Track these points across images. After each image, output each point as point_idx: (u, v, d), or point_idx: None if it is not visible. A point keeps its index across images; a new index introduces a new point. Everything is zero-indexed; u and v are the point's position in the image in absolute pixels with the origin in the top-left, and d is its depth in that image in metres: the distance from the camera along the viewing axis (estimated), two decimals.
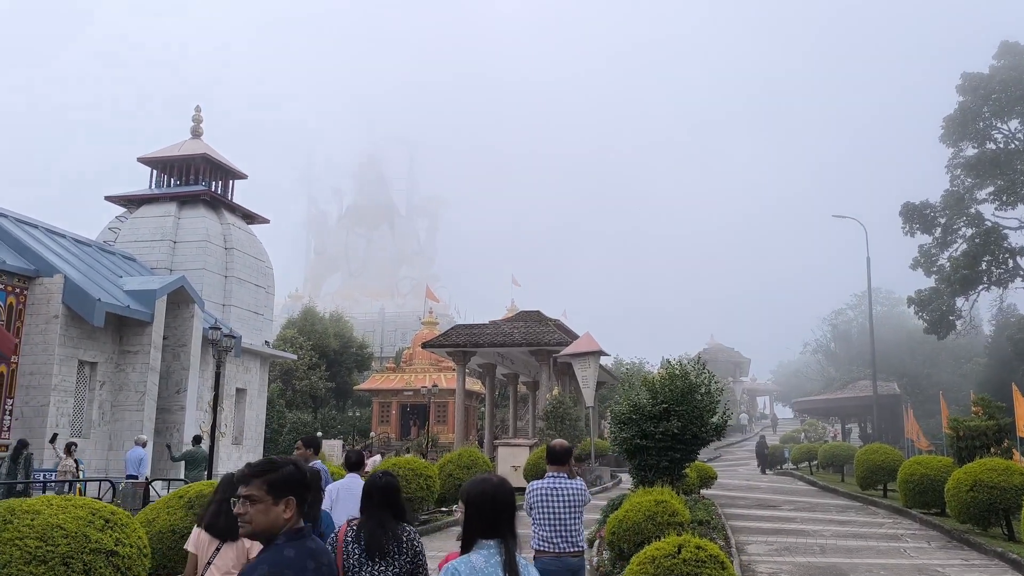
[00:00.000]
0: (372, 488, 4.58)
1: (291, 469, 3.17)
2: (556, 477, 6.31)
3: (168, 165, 32.31)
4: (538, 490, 6.27)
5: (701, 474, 20.86)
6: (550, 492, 6.22)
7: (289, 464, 3.21)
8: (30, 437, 20.61)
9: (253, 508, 3.05)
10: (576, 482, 6.36)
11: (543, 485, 6.28)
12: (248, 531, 3.06)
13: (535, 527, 6.24)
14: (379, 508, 4.48)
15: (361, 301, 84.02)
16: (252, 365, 30.86)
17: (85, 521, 6.57)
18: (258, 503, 3.04)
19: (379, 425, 54.07)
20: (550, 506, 6.18)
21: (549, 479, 6.31)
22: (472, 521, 3.32)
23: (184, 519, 10.58)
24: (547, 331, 34.49)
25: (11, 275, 21.03)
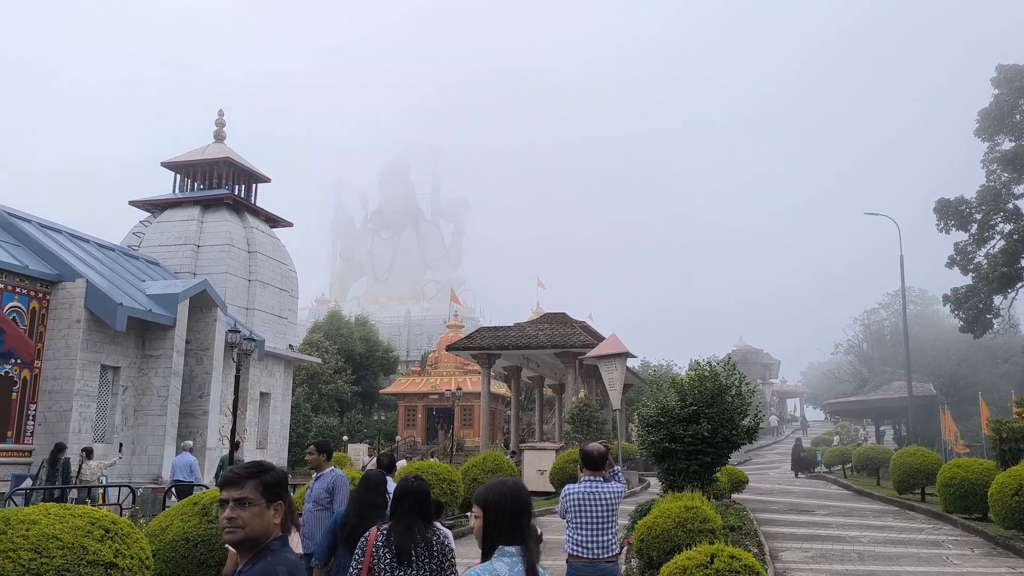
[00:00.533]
0: (404, 492, 4.56)
1: (281, 472, 2.96)
2: (592, 481, 6.16)
3: (191, 169, 32.34)
4: (574, 494, 6.14)
5: (732, 478, 20.32)
6: (586, 496, 6.08)
7: (277, 467, 2.99)
8: (53, 442, 20.54)
9: (247, 512, 2.78)
10: (612, 485, 6.23)
11: (579, 489, 6.14)
12: (239, 537, 2.78)
13: (569, 531, 6.13)
14: (409, 512, 4.47)
15: (387, 305, 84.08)
16: (276, 369, 30.73)
17: (84, 531, 6.26)
18: (252, 506, 2.79)
19: (405, 429, 53.91)
20: (586, 510, 6.05)
21: (585, 483, 6.16)
22: (492, 527, 3.10)
23: (198, 527, 10.27)
24: (572, 333, 34.04)
25: (33, 280, 21.02)
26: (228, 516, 2.79)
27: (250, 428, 28.05)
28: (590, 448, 6.38)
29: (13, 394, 20.44)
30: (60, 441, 18.97)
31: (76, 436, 20.61)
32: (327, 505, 7.08)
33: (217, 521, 10.49)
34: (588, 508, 6.06)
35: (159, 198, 31.75)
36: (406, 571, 4.32)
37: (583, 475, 6.32)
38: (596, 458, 6.27)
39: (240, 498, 2.79)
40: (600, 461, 6.27)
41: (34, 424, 20.80)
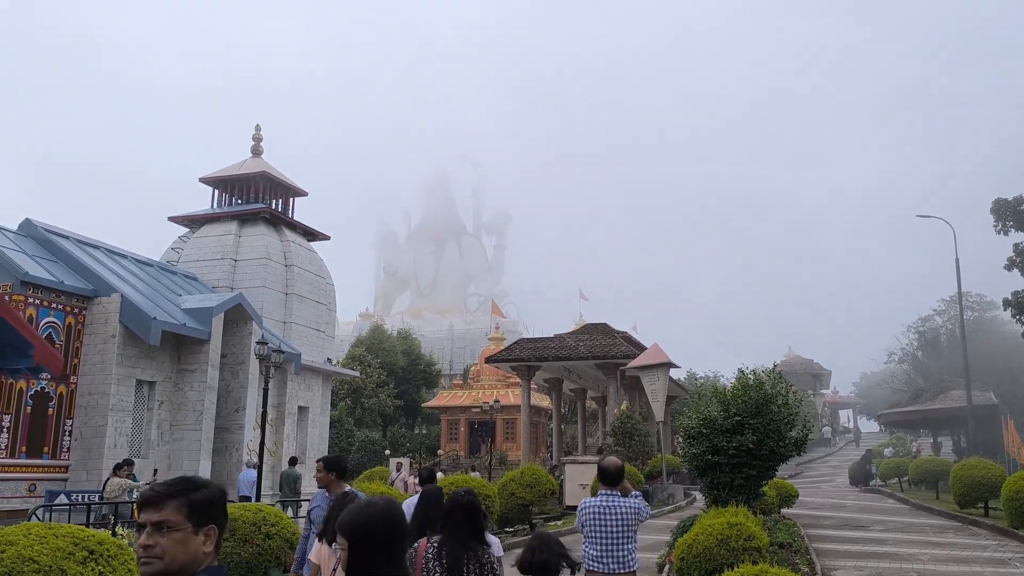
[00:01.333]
0: (455, 506, 4.55)
1: (215, 490, 2.42)
2: (609, 495, 6.15)
3: (229, 184, 32.46)
4: (590, 508, 6.13)
5: (781, 492, 19.41)
6: (603, 510, 6.07)
7: (210, 485, 2.42)
8: (88, 458, 20.57)
9: (167, 538, 2.25)
10: (630, 500, 6.19)
11: (595, 503, 6.14)
12: (156, 569, 2.24)
13: (586, 545, 6.12)
14: (461, 527, 4.47)
15: (430, 319, 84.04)
16: (314, 383, 30.53)
17: (64, 553, 5.84)
18: (174, 531, 2.26)
19: (448, 443, 53.51)
20: (602, 525, 6.04)
21: (602, 496, 6.17)
22: (365, 557, 2.57)
23: None
24: (614, 343, 33.31)
25: (69, 295, 21.07)
26: (143, 544, 2.26)
27: (287, 443, 27.83)
28: (606, 463, 6.32)
29: (49, 409, 20.46)
30: (128, 458, 19.03)
31: (111, 451, 20.52)
32: None
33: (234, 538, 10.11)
34: (604, 523, 6.03)
35: (197, 213, 31.91)
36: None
37: (601, 489, 6.31)
38: (612, 473, 6.23)
39: (159, 522, 2.26)
40: (616, 476, 6.22)
41: (70, 439, 20.79)
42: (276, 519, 10.30)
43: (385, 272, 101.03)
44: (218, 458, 23.51)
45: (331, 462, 6.67)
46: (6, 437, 19.28)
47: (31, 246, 21.83)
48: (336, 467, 6.61)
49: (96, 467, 20.14)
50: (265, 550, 9.85)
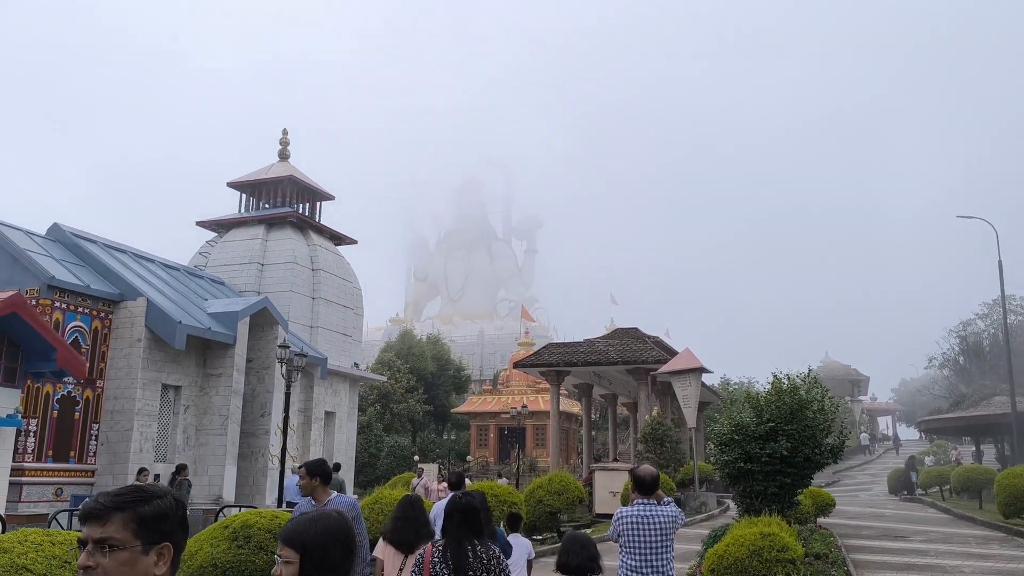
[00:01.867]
0: (452, 509, 4.73)
1: (170, 502, 2.06)
2: (646, 504, 6.08)
3: (256, 188, 32.52)
4: (627, 518, 6.05)
5: (817, 501, 18.79)
6: (639, 520, 5.98)
7: (165, 495, 2.06)
8: (115, 462, 20.53)
9: (111, 559, 1.92)
10: (666, 508, 6.10)
11: (632, 512, 6.05)
12: None
13: (623, 555, 6.05)
14: (458, 528, 4.62)
15: (460, 324, 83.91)
16: (341, 388, 30.38)
17: (60, 561, 5.57)
18: (119, 550, 1.93)
19: (477, 449, 53.19)
20: (640, 535, 5.96)
21: (638, 506, 6.08)
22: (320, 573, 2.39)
23: (227, 552, 9.60)
24: (644, 348, 32.74)
25: (96, 299, 21.09)
26: (83, 565, 1.93)
27: (314, 448, 27.67)
28: (641, 471, 6.25)
29: (76, 414, 20.46)
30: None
31: (137, 456, 20.48)
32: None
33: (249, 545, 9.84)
34: (641, 532, 5.94)
35: (224, 218, 31.98)
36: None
37: (635, 498, 6.18)
38: (648, 482, 6.14)
39: (101, 539, 1.93)
40: (652, 485, 6.13)
41: (97, 444, 20.78)
42: None
43: (415, 277, 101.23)
44: (244, 463, 23.40)
45: (315, 467, 6.09)
46: (33, 441, 19.30)
47: (59, 250, 21.92)
48: (320, 472, 6.04)
49: (122, 472, 20.08)
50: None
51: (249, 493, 22.98)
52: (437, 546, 4.70)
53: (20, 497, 18.61)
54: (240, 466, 23.16)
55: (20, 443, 18.84)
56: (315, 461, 6.13)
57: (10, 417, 14.76)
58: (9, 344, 15.00)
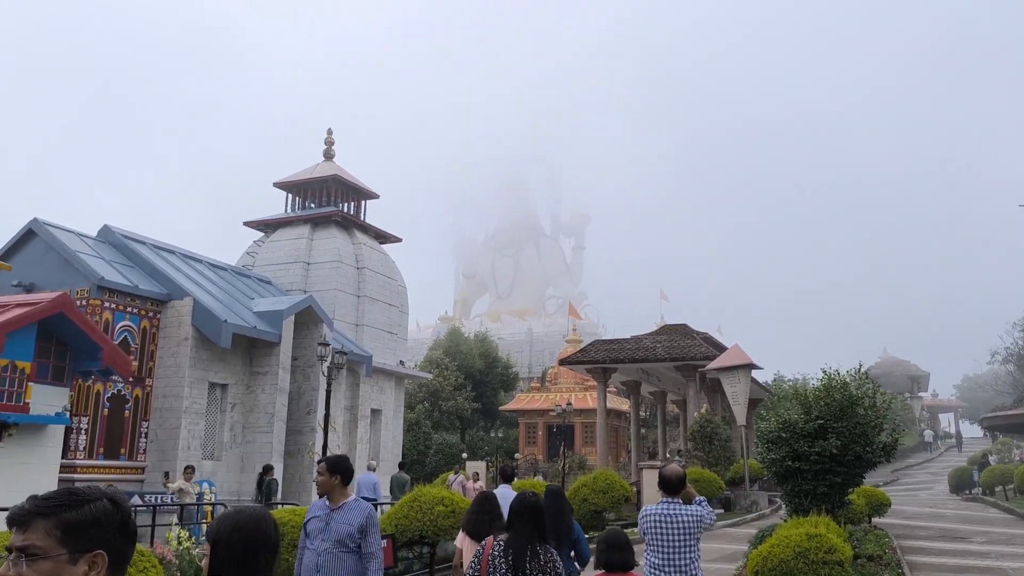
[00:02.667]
0: (521, 507, 4.80)
1: (103, 507, 1.86)
2: (670, 502, 6.07)
3: (302, 188, 32.83)
4: (651, 516, 6.06)
5: (871, 501, 18.18)
6: (663, 518, 5.98)
7: (99, 499, 1.87)
8: (163, 460, 20.84)
9: (30, 569, 1.76)
10: (692, 508, 6.06)
11: (656, 511, 6.05)
12: None
13: (647, 554, 6.07)
14: (527, 526, 4.72)
15: (509, 322, 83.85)
16: (387, 385, 30.48)
17: None
18: (41, 560, 1.76)
19: (526, 446, 53.00)
20: (663, 533, 5.97)
21: (663, 504, 6.09)
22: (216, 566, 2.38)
23: None
24: (693, 344, 32.19)
25: (144, 299, 21.44)
26: (2, 575, 1.76)
27: (361, 445, 27.80)
28: (667, 471, 6.23)
29: (126, 412, 20.84)
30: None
31: (185, 453, 20.76)
32: (355, 548, 5.29)
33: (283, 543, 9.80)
34: (665, 531, 5.95)
35: (271, 218, 32.35)
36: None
37: (662, 497, 6.20)
38: (674, 482, 6.13)
39: (23, 547, 1.76)
40: (677, 485, 6.12)
41: (146, 441, 21.13)
42: None
43: (464, 275, 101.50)
44: (290, 460, 23.59)
45: (335, 464, 5.54)
46: (84, 439, 19.70)
47: (108, 251, 22.34)
48: (341, 470, 5.49)
49: (171, 469, 20.37)
50: None
51: (296, 490, 23.15)
52: (499, 540, 4.81)
53: None
54: (287, 463, 23.35)
55: (72, 441, 19.25)
56: (335, 457, 5.67)
57: (59, 415, 15.02)
58: (57, 343, 15.25)
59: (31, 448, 14.36)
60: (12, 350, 13.83)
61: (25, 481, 14.14)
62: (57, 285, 19.75)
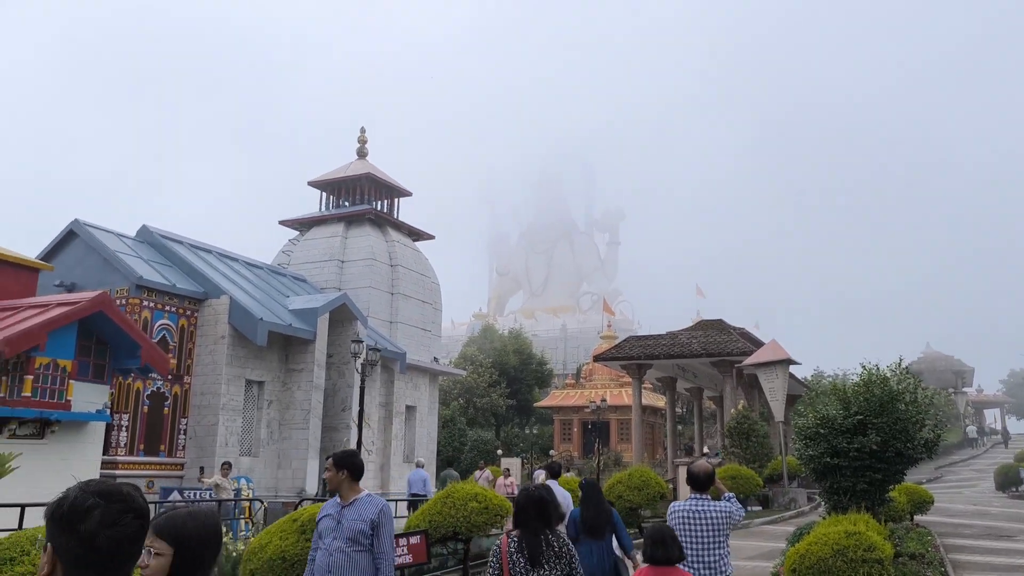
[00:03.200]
0: (527, 502, 5.04)
1: (50, 503, 1.90)
2: (698, 499, 6.05)
3: (335, 187, 33.08)
4: (679, 512, 6.02)
5: (913, 498, 17.81)
6: (691, 514, 5.96)
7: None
8: (201, 456, 21.12)
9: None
10: (721, 504, 6.05)
11: (684, 507, 6.03)
12: None
13: None
14: (535, 520, 4.94)
15: (543, 318, 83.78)
16: (421, 382, 30.59)
17: None
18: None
19: (561, 443, 52.93)
20: (691, 529, 5.95)
21: (691, 500, 6.07)
22: (190, 566, 2.28)
23: (295, 544, 9.66)
24: (729, 340, 31.83)
25: (182, 298, 21.74)
26: None
27: (396, 442, 27.95)
28: (696, 468, 6.20)
29: (165, 409, 21.15)
30: (226, 460, 19.58)
31: (223, 450, 21.03)
32: (367, 546, 5.09)
33: None
34: (693, 527, 5.94)
35: (305, 216, 32.64)
36: (539, 572, 4.81)
37: (690, 494, 6.19)
38: (702, 479, 6.12)
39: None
40: (706, 482, 6.11)
41: (185, 438, 21.43)
42: None
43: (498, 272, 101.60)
44: (326, 457, 23.75)
45: (341, 459, 5.25)
46: (125, 436, 20.04)
47: (147, 251, 22.70)
48: (347, 465, 5.20)
49: (209, 465, 20.64)
50: None
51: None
52: (513, 536, 4.98)
53: None
54: (322, 460, 23.53)
55: (113, 438, 19.59)
56: (342, 452, 5.42)
57: (99, 412, 15.30)
58: (97, 342, 15.53)
59: (73, 444, 14.63)
60: (53, 348, 14.10)
61: (67, 477, 14.42)
62: (97, 285, 20.11)
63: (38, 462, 13.72)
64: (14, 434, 13.84)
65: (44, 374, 14.12)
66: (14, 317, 14.47)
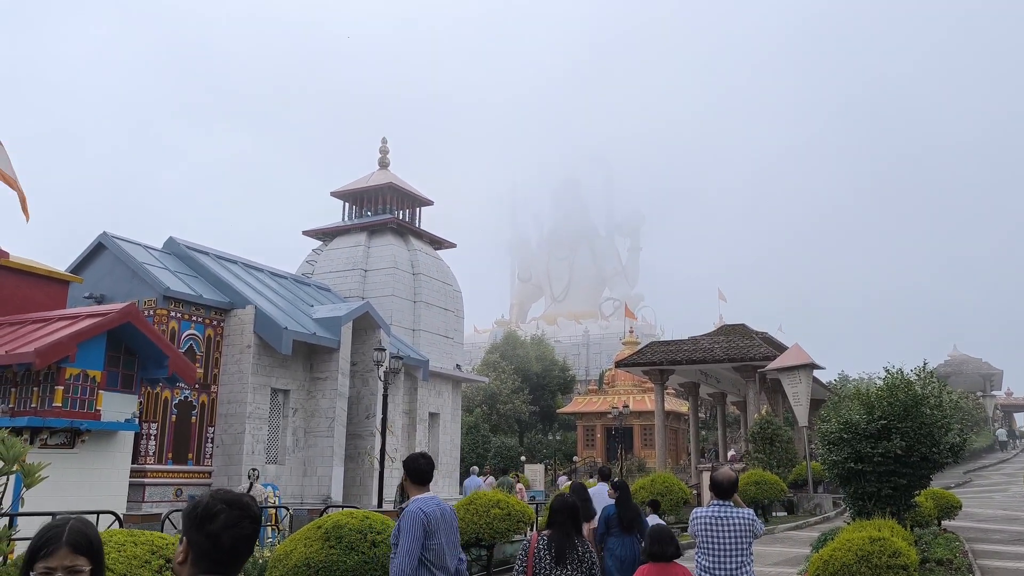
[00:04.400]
0: (562, 507, 5.66)
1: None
2: (722, 505, 6.10)
3: (358, 197, 33.42)
4: (702, 518, 6.09)
5: (940, 503, 17.63)
6: (714, 521, 6.01)
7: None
8: (228, 464, 21.37)
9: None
10: (744, 511, 6.11)
11: (707, 513, 6.09)
12: None
13: (698, 556, 6.11)
14: (566, 523, 5.55)
15: (565, 324, 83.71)
16: (444, 389, 30.75)
17: (140, 561, 5.75)
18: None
19: (584, 449, 52.87)
20: (714, 536, 6.02)
21: (714, 507, 6.13)
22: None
23: (320, 552, 9.78)
24: (752, 345, 31.71)
25: (208, 308, 22.04)
26: None
27: (419, 449, 28.07)
28: (719, 475, 6.26)
29: (192, 418, 21.44)
30: (254, 467, 19.87)
31: (249, 458, 21.26)
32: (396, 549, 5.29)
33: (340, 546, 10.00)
34: (716, 533, 5.99)
35: (329, 227, 32.99)
36: (563, 571, 5.31)
37: (712, 500, 6.25)
38: (725, 486, 6.17)
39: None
40: (729, 489, 6.17)
41: (212, 446, 21.70)
42: (383, 526, 10.09)
43: (519, 279, 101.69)
44: (351, 464, 23.95)
45: (405, 461, 5.44)
46: (154, 444, 20.33)
47: (173, 263, 23.04)
48: (407, 467, 5.36)
49: (236, 473, 20.90)
50: (371, 558, 9.63)
51: (357, 494, 23.50)
52: (543, 535, 5.62)
53: (143, 497, 19.63)
54: (347, 467, 23.73)
55: (143, 446, 19.89)
56: (410, 455, 5.59)
57: (128, 421, 15.55)
58: (126, 353, 15.81)
59: (103, 453, 14.88)
60: (83, 359, 14.37)
61: (98, 485, 14.68)
62: (126, 296, 20.47)
63: (68, 471, 13.98)
64: (45, 443, 14.11)
65: (74, 385, 14.39)
66: (45, 329, 14.78)
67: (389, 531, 10.13)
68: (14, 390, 14.52)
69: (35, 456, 12.35)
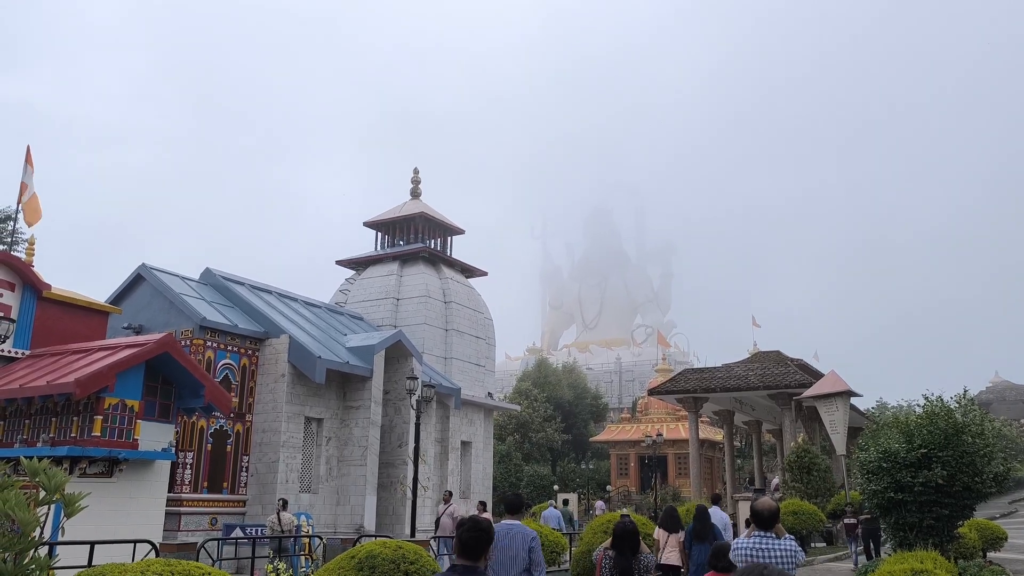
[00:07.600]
0: (623, 532, 7.03)
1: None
2: (763, 536, 5.94)
3: (390, 227, 33.75)
4: (743, 549, 5.96)
5: (985, 534, 17.21)
6: (755, 552, 5.89)
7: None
8: (262, 493, 21.48)
9: None
10: (785, 542, 5.95)
11: (748, 544, 5.95)
12: None
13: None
14: (626, 545, 6.91)
15: (597, 352, 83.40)
16: (476, 417, 30.71)
17: None
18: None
19: (618, 478, 52.38)
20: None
21: (755, 538, 5.98)
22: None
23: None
24: (787, 372, 31.30)
25: (243, 338, 22.31)
26: None
27: (452, 477, 28.03)
28: (760, 505, 6.12)
29: (227, 446, 21.63)
30: (282, 497, 19.94)
31: (283, 487, 21.36)
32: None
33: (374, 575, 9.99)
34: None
35: (361, 256, 33.30)
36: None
37: (753, 531, 6.12)
38: (767, 516, 6.03)
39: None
40: (770, 519, 6.02)
41: (247, 475, 21.84)
42: (415, 556, 10.07)
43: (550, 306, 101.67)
44: (384, 493, 23.96)
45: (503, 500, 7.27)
46: (190, 473, 20.53)
47: (210, 293, 23.40)
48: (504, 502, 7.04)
49: (270, 501, 20.98)
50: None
51: (389, 523, 23.48)
52: (608, 553, 6.97)
53: (179, 526, 19.79)
54: (380, 496, 23.73)
55: (178, 475, 20.08)
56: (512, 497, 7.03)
57: (165, 451, 15.72)
58: (163, 382, 16.01)
59: (140, 482, 15.04)
60: (122, 389, 14.59)
61: (135, 513, 14.83)
62: (163, 326, 20.81)
63: (106, 500, 14.14)
64: (84, 473, 14.29)
65: (113, 414, 14.59)
66: (85, 359, 15.05)
67: (422, 561, 10.12)
68: (55, 420, 14.77)
69: (74, 485, 12.52)
